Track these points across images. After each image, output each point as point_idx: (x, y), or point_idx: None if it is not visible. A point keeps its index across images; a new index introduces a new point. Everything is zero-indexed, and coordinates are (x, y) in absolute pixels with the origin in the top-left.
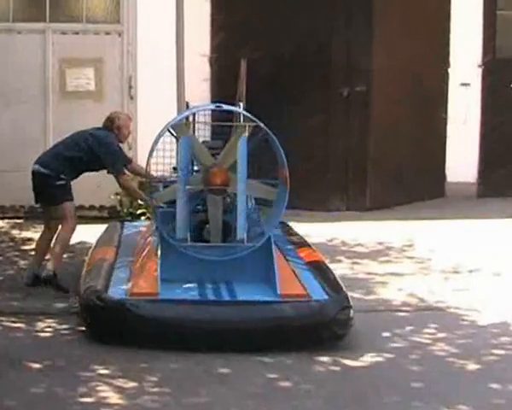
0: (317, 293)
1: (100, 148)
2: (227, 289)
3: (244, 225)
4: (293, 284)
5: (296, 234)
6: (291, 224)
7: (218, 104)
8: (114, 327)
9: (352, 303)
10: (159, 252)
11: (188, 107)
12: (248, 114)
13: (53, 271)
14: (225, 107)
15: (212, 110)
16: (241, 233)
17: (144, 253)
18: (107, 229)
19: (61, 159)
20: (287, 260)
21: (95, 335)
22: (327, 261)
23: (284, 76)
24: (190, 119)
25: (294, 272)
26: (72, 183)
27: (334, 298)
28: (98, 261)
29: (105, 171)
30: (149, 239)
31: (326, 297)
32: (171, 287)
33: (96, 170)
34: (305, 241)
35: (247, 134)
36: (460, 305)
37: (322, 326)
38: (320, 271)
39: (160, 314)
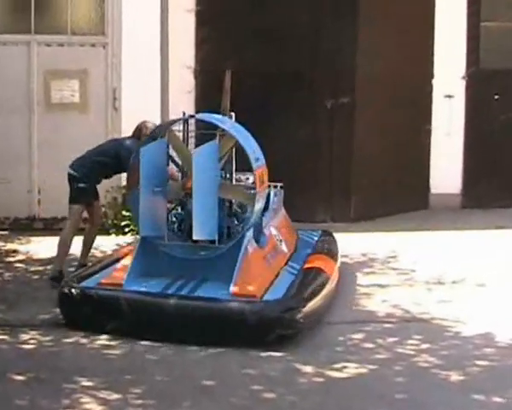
0: (275, 295)
1: (125, 155)
2: (193, 286)
3: (211, 227)
4: (252, 284)
5: (328, 242)
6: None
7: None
8: (77, 313)
9: (301, 306)
10: (136, 249)
11: (184, 115)
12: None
13: (57, 269)
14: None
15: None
16: (206, 234)
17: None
18: None
19: (89, 163)
20: (286, 263)
21: (68, 321)
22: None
23: (268, 88)
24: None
25: (277, 275)
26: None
27: (282, 300)
28: (108, 257)
29: None
30: None
31: (274, 298)
32: (141, 281)
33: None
34: (331, 250)
35: (217, 141)
36: (444, 316)
37: (263, 325)
38: (306, 277)
39: (115, 302)
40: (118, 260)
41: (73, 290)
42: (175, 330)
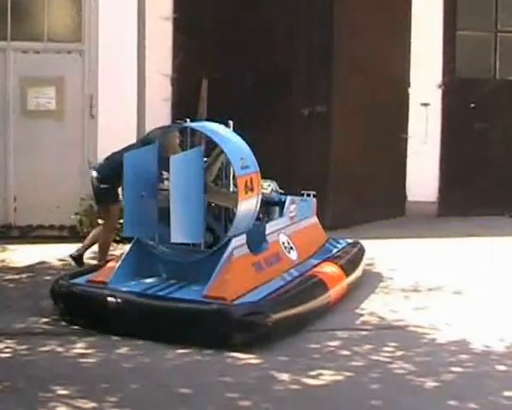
0: (252, 299)
1: None
2: (176, 288)
3: (192, 230)
4: (226, 287)
5: (349, 252)
6: None
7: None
8: (67, 307)
9: (270, 311)
10: (128, 249)
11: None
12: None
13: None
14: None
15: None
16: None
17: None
18: None
19: (110, 164)
20: (289, 269)
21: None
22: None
23: (245, 96)
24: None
25: (269, 280)
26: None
27: (247, 303)
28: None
29: (65, 191)
30: None
31: (243, 302)
32: (127, 280)
33: None
34: (345, 261)
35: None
36: (420, 323)
37: (223, 327)
38: (298, 284)
39: (94, 300)
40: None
41: (62, 286)
42: (145, 329)
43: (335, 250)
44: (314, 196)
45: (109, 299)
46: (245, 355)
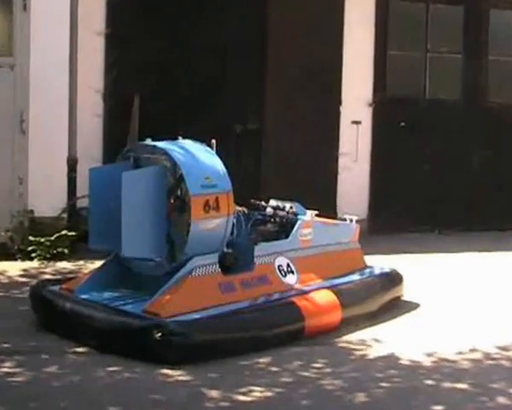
0: (186, 318)
1: None
2: (132, 300)
3: (147, 245)
4: (166, 303)
5: (361, 285)
6: None
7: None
8: (37, 313)
9: (191, 330)
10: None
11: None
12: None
13: None
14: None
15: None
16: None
17: None
18: None
19: None
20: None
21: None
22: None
23: (177, 113)
24: None
25: (235, 301)
26: None
27: (169, 323)
28: None
29: None
30: None
31: (164, 321)
32: (94, 289)
33: None
34: (351, 290)
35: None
36: (349, 339)
37: (140, 343)
38: (259, 308)
39: (54, 306)
40: None
41: (36, 292)
42: (88, 338)
43: (355, 279)
44: (356, 221)
45: (58, 304)
46: (175, 372)
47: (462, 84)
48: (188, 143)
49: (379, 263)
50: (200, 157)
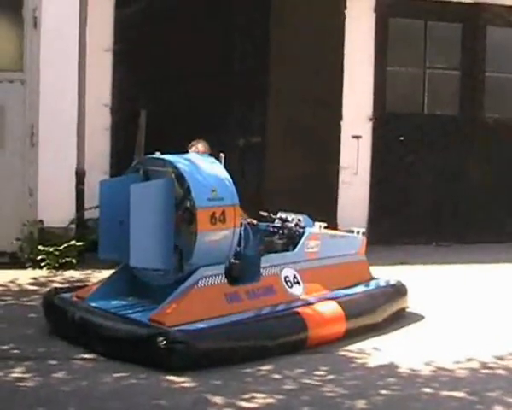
0: (191, 328)
1: None
2: (142, 309)
3: (155, 256)
4: (171, 313)
5: (366, 296)
6: None
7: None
8: (49, 319)
9: (191, 339)
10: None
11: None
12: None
13: None
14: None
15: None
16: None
17: None
18: None
19: None
20: (278, 303)
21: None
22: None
23: (182, 127)
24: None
25: (241, 311)
26: None
27: (173, 332)
28: None
29: (6, 217)
30: None
31: (169, 330)
32: (105, 298)
33: None
34: (359, 300)
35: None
36: (350, 348)
37: (146, 350)
38: (265, 319)
39: (65, 313)
40: None
41: (49, 299)
42: (96, 344)
43: (360, 290)
44: (363, 233)
45: (70, 312)
46: (180, 379)
47: (459, 99)
48: (195, 157)
49: (379, 274)
50: (207, 170)
